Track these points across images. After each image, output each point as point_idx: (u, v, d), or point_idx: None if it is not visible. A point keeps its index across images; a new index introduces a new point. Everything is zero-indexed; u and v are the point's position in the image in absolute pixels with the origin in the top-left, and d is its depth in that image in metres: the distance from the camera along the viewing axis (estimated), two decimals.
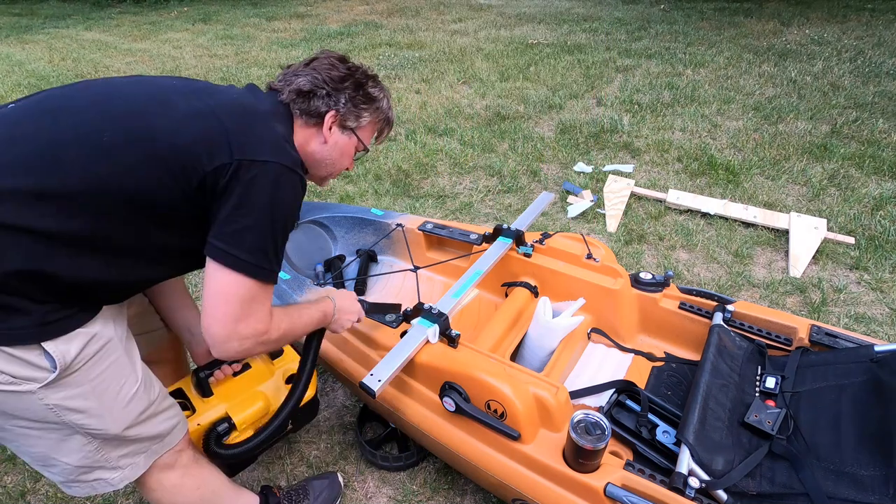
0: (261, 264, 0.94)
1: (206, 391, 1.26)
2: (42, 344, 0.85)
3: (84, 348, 0.89)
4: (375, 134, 1.26)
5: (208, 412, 1.24)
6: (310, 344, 1.29)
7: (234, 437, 1.25)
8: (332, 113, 1.12)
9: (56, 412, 0.89)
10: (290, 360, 1.41)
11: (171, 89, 1.00)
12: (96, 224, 0.87)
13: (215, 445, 1.21)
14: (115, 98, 0.95)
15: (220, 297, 0.94)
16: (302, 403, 1.29)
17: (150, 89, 0.99)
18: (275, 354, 1.42)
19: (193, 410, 1.25)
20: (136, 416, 1.00)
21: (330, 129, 1.13)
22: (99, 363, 0.93)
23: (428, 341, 1.34)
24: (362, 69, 1.18)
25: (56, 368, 0.86)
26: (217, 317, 0.94)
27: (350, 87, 1.13)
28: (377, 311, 1.46)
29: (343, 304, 1.30)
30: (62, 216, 0.83)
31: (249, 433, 1.26)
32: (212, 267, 0.93)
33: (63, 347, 0.86)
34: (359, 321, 1.36)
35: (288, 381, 1.38)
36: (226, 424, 1.23)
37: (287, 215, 1.00)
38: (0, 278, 0.80)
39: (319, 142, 1.13)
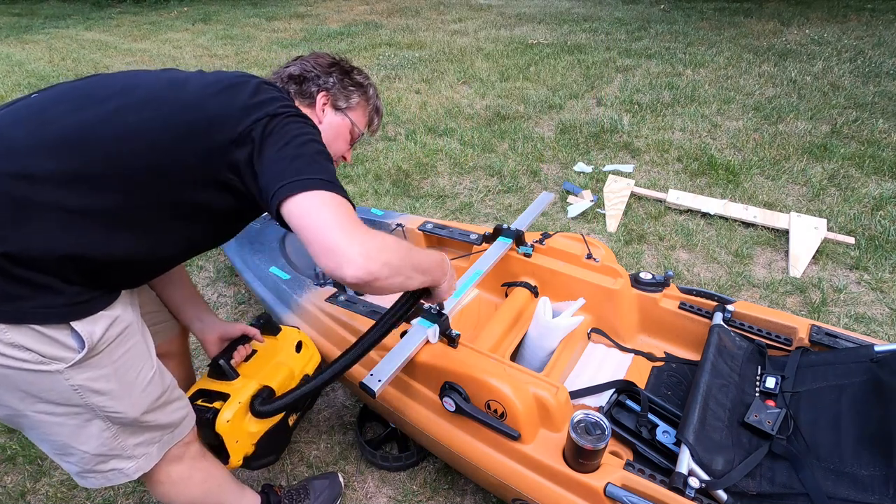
0: (331, 180, 0.90)
1: (231, 374, 1.28)
2: (71, 323, 0.87)
3: (108, 330, 0.91)
4: (367, 121, 1.29)
5: (244, 390, 1.26)
6: (402, 298, 1.21)
7: None
8: (323, 93, 1.19)
9: (80, 393, 0.91)
10: (293, 333, 1.46)
11: (188, 73, 1.05)
12: (128, 200, 0.89)
13: (261, 405, 1.22)
14: (138, 83, 0.98)
15: (318, 217, 0.85)
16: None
17: (171, 74, 1.04)
18: (276, 332, 1.45)
19: (225, 399, 1.25)
20: (152, 401, 1.02)
21: (323, 109, 1.19)
22: (120, 346, 0.95)
23: (428, 341, 1.34)
24: (347, 61, 1.27)
25: (83, 348, 0.88)
26: (330, 232, 0.84)
27: (337, 72, 1.22)
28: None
29: (454, 277, 1.23)
30: (96, 194, 0.86)
31: None
32: (292, 205, 0.87)
33: (90, 328, 0.88)
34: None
35: (297, 349, 1.43)
36: (266, 392, 1.26)
37: (325, 150, 0.99)
38: (39, 257, 0.82)
39: (315, 122, 1.16)
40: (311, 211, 0.87)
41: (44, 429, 0.94)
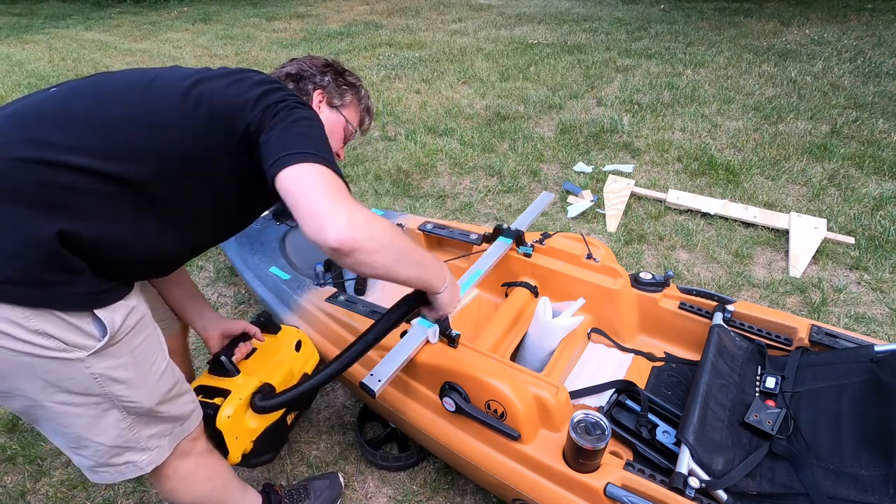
0: (331, 161, 0.94)
1: (232, 371, 1.29)
2: (94, 311, 0.88)
3: (126, 318, 0.93)
4: (359, 120, 1.33)
5: (245, 387, 1.27)
6: (399, 306, 1.25)
7: None
8: (319, 91, 1.23)
9: (100, 382, 0.92)
10: (292, 332, 1.47)
11: (194, 68, 1.07)
12: (159, 189, 0.93)
13: (260, 401, 1.24)
14: (156, 79, 1.01)
15: (309, 184, 0.89)
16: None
17: (179, 70, 1.06)
18: (276, 330, 1.46)
19: (225, 395, 1.26)
20: (166, 392, 1.03)
21: (319, 107, 1.23)
22: (137, 335, 0.97)
23: (428, 341, 1.34)
24: (339, 63, 1.31)
25: (105, 336, 0.89)
26: (317, 197, 0.87)
27: (331, 72, 1.27)
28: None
29: (457, 289, 1.26)
30: (127, 185, 0.89)
31: None
32: (287, 172, 0.90)
33: (111, 316, 0.90)
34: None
35: (297, 347, 1.45)
36: (266, 390, 1.28)
37: (327, 139, 1.01)
38: (82, 240, 0.84)
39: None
40: (302, 179, 0.89)
41: (60, 420, 0.94)
